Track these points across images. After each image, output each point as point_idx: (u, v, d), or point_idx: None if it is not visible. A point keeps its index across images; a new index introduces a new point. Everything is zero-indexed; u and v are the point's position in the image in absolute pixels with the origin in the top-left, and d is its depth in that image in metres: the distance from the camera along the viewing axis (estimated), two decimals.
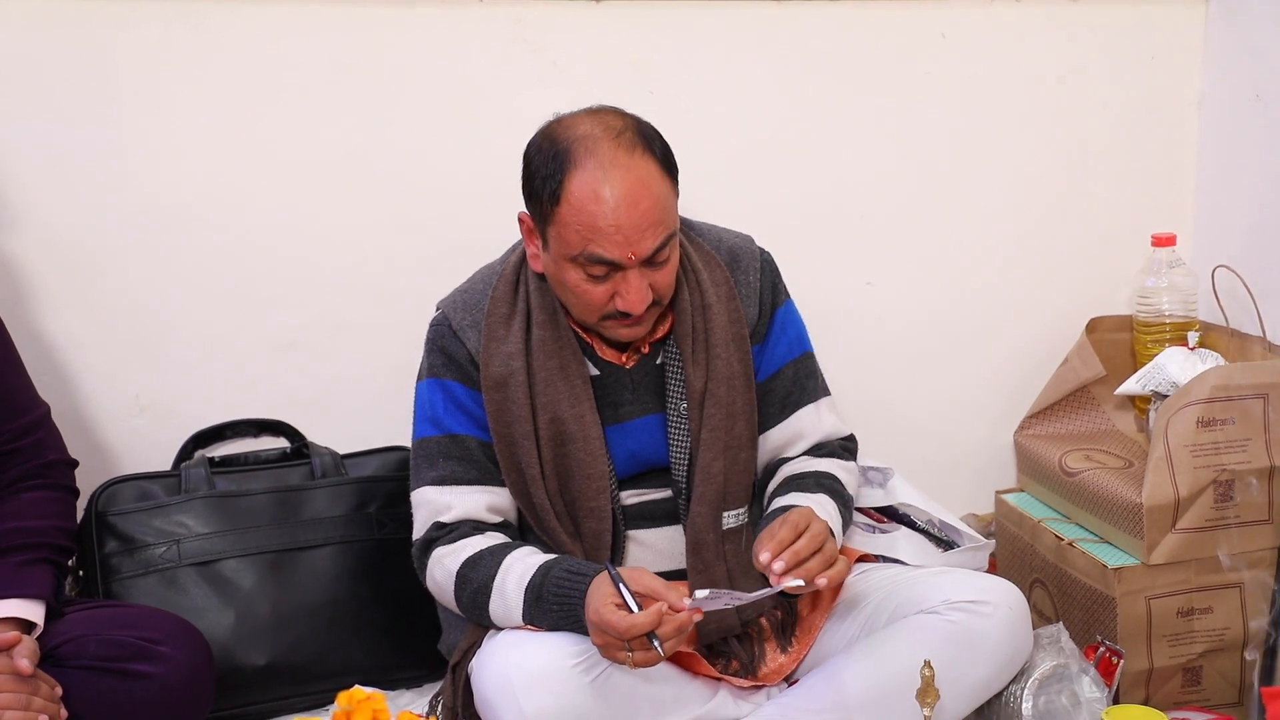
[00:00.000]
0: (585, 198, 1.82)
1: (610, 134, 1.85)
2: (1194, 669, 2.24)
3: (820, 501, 1.99)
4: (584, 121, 1.88)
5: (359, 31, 2.35)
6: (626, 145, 1.85)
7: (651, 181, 1.85)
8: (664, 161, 1.89)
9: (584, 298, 1.90)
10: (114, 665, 1.86)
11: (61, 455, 2.06)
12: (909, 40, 2.54)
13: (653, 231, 1.85)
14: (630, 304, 1.87)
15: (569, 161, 1.84)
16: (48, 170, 2.29)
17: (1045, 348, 2.62)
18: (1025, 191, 2.64)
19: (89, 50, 2.27)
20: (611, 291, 1.88)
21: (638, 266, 1.86)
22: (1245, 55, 2.50)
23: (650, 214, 1.84)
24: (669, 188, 1.89)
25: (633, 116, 1.92)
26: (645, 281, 1.88)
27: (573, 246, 1.85)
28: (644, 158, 1.86)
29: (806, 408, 2.12)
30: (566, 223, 1.84)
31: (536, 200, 1.89)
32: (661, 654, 1.73)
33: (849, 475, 2.12)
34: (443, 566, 1.96)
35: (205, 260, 2.37)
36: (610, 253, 1.84)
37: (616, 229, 1.82)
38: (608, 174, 1.82)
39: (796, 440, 2.12)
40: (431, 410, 2.02)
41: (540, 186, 1.87)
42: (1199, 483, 2.17)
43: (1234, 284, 2.40)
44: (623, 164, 1.84)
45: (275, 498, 2.30)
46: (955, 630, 1.89)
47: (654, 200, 1.85)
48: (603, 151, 1.84)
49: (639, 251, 1.84)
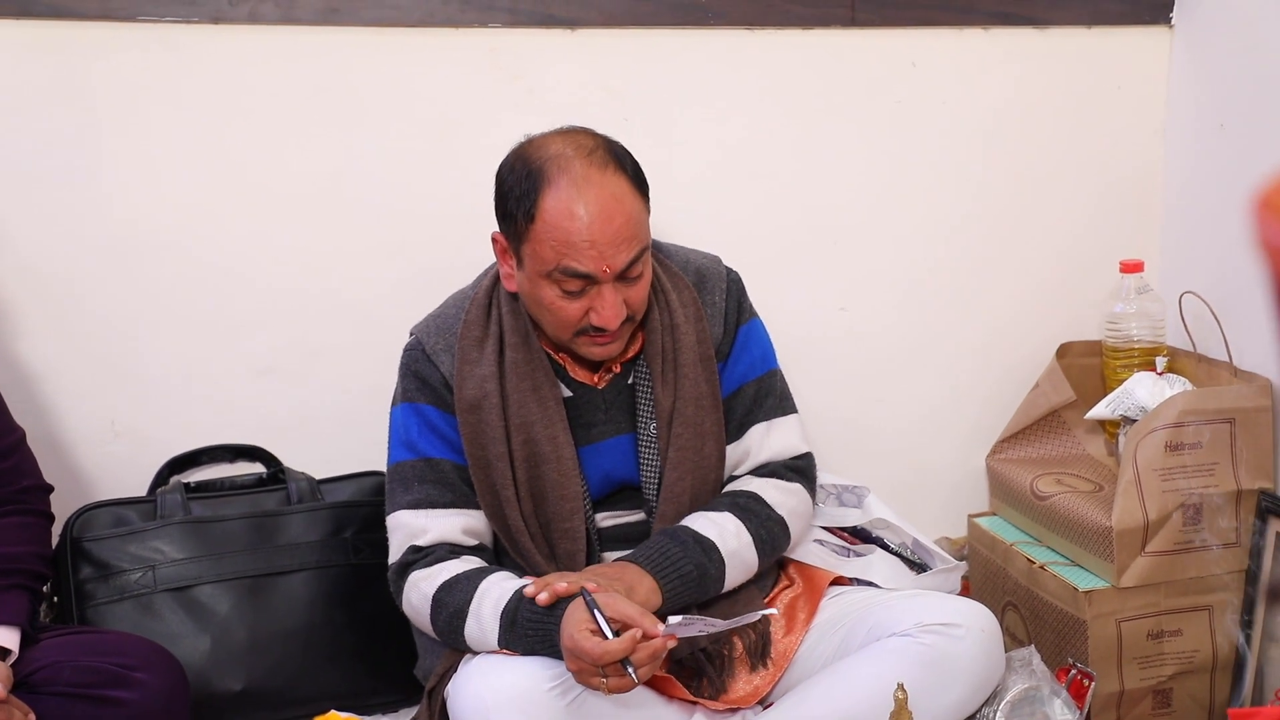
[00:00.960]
0: (560, 214, 1.85)
1: (582, 152, 1.89)
2: (1164, 691, 2.25)
3: (719, 519, 1.99)
4: (555, 141, 1.92)
5: (335, 58, 2.36)
6: (599, 163, 1.88)
7: (624, 198, 1.88)
8: (635, 179, 1.92)
9: (559, 314, 1.91)
10: (89, 691, 1.84)
11: (37, 481, 2.05)
12: (880, 69, 2.56)
13: (626, 246, 1.87)
14: (605, 319, 1.89)
15: (542, 179, 1.86)
16: (24, 196, 2.29)
17: (1016, 372, 2.64)
18: (995, 218, 2.67)
19: (66, 76, 2.27)
20: (586, 307, 1.90)
21: (612, 281, 1.88)
22: (1210, 84, 2.54)
23: (624, 229, 1.87)
24: (641, 204, 1.92)
25: (603, 136, 1.95)
26: (619, 297, 1.90)
27: (547, 262, 1.87)
28: (616, 175, 1.89)
29: (756, 427, 2.12)
30: (541, 239, 1.86)
31: (511, 219, 1.91)
32: (636, 680, 1.73)
33: (781, 495, 2.08)
34: (419, 590, 1.96)
35: (181, 286, 2.37)
36: (585, 266, 1.85)
37: (591, 244, 1.85)
38: (581, 190, 1.85)
39: (744, 459, 2.12)
40: (406, 434, 2.02)
41: (514, 205, 1.89)
42: (1167, 506, 2.19)
43: (1201, 310, 2.42)
44: (595, 181, 1.86)
45: (251, 523, 2.30)
46: (928, 653, 1.90)
47: (627, 216, 1.88)
48: (575, 169, 1.86)
49: (613, 265, 1.87)
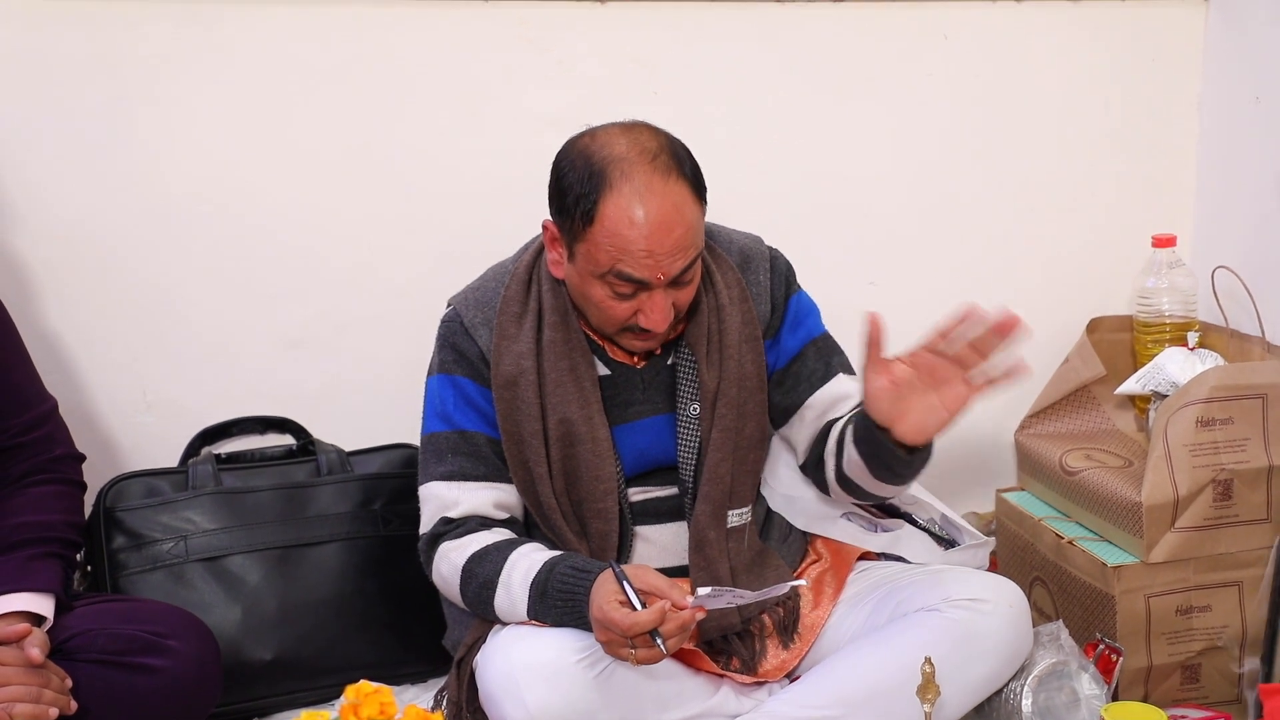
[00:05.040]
0: (620, 222, 1.83)
1: (646, 157, 1.85)
2: (1192, 666, 2.25)
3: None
4: (619, 140, 1.88)
5: (366, 31, 2.36)
6: (662, 170, 1.85)
7: (684, 206, 1.86)
8: (695, 184, 1.89)
9: (607, 312, 1.91)
10: (122, 659, 1.87)
11: (69, 450, 2.07)
12: (912, 41, 2.55)
13: (683, 255, 1.86)
14: (654, 322, 1.89)
15: (604, 183, 1.84)
16: (57, 167, 2.30)
17: (1046, 347, 2.62)
18: (1026, 192, 2.65)
19: (98, 47, 2.28)
20: (635, 308, 1.89)
21: (663, 287, 1.88)
22: (1245, 57, 2.51)
23: (683, 239, 1.85)
24: (699, 211, 1.90)
25: (665, 135, 1.91)
26: (669, 300, 1.89)
27: (601, 265, 1.86)
28: (678, 183, 1.86)
29: (842, 376, 2.09)
30: (598, 243, 1.85)
31: (568, 216, 1.88)
32: (665, 651, 1.74)
33: None
34: (449, 561, 1.97)
35: (213, 258, 2.39)
36: (640, 273, 1.84)
37: (649, 254, 1.83)
38: (643, 199, 1.83)
39: (842, 401, 2.07)
40: (441, 406, 2.03)
41: (573, 204, 1.87)
42: (1198, 482, 2.18)
43: (1233, 285, 2.41)
44: (658, 190, 1.84)
45: (281, 494, 2.31)
46: (956, 627, 1.90)
47: (686, 226, 1.86)
48: (638, 176, 1.84)
49: (668, 273, 1.86)
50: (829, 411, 2.08)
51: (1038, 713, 2.00)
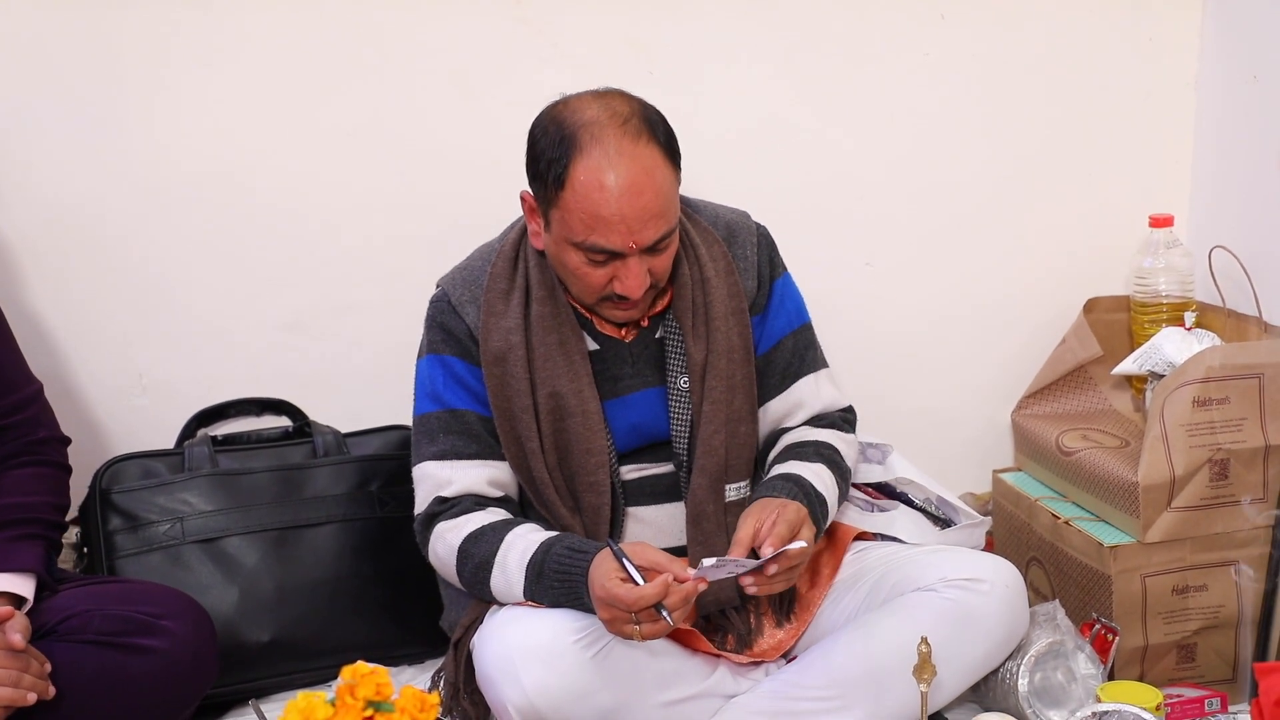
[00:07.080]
0: (589, 185, 1.83)
1: (616, 120, 1.85)
2: (1188, 646, 2.25)
3: (817, 471, 2.00)
4: (590, 105, 1.88)
5: (361, 11, 2.35)
6: (632, 133, 1.85)
7: (655, 170, 1.86)
8: (668, 149, 1.89)
9: (583, 280, 1.91)
10: (118, 640, 1.87)
11: (53, 432, 2.06)
12: (908, 22, 2.54)
13: (655, 222, 1.86)
14: (629, 288, 1.89)
15: (574, 147, 1.84)
16: (52, 148, 2.30)
17: (1043, 328, 2.63)
18: (1023, 172, 2.64)
19: (94, 28, 2.27)
20: (610, 275, 1.89)
21: (638, 254, 1.87)
22: (1242, 37, 2.50)
23: (653, 204, 1.85)
24: (672, 176, 1.89)
25: (639, 101, 1.91)
26: (645, 267, 1.89)
27: (575, 232, 1.86)
28: (649, 146, 1.86)
29: (806, 378, 2.13)
30: (570, 208, 1.85)
31: (541, 182, 1.89)
32: (671, 623, 1.74)
33: (847, 447, 2.13)
34: (445, 541, 1.97)
35: (208, 240, 2.39)
36: (612, 242, 1.84)
37: (620, 218, 1.83)
38: (613, 163, 1.83)
39: (796, 410, 2.13)
40: (431, 386, 2.03)
41: (545, 169, 1.87)
42: (1194, 462, 2.18)
43: (1230, 265, 2.40)
44: (628, 153, 1.83)
45: (278, 476, 2.32)
46: (952, 608, 1.91)
47: (657, 190, 1.85)
48: (608, 139, 1.83)
49: (640, 241, 1.85)
50: (783, 420, 2.14)
51: (1034, 692, 2.01)
